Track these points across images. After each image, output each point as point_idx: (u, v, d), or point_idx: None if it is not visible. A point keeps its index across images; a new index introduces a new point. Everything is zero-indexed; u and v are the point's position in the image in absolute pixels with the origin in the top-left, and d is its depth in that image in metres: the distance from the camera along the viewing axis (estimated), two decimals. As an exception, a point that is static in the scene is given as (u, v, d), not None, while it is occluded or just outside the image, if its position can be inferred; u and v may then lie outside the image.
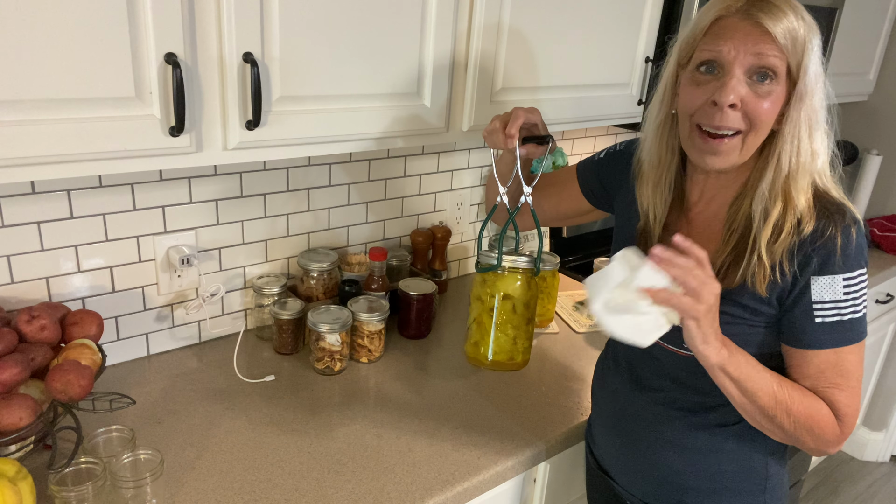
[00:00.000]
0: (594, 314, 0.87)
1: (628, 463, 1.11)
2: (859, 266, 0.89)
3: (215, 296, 1.42)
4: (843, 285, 0.88)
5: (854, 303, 0.89)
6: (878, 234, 2.46)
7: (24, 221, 1.17)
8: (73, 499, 0.93)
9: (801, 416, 0.90)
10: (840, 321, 0.89)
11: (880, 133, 2.62)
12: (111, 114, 0.90)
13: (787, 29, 0.85)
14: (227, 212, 1.40)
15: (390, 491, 1.06)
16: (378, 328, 1.41)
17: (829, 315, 0.89)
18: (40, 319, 1.07)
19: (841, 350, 0.90)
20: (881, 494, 2.67)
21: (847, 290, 0.88)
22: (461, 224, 1.83)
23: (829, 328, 0.90)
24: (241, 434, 1.17)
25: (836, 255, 0.88)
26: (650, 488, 1.09)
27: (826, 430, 0.91)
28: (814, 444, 0.93)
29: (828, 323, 0.89)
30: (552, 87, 1.43)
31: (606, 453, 1.16)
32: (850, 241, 0.88)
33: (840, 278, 0.88)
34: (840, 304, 0.89)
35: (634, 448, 1.09)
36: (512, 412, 1.29)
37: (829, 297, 0.89)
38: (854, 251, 0.88)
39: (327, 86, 1.09)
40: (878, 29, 2.36)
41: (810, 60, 0.87)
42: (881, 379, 2.74)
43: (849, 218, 0.89)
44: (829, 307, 0.89)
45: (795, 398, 0.90)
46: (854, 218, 0.90)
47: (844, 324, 0.89)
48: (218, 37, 0.96)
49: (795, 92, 0.87)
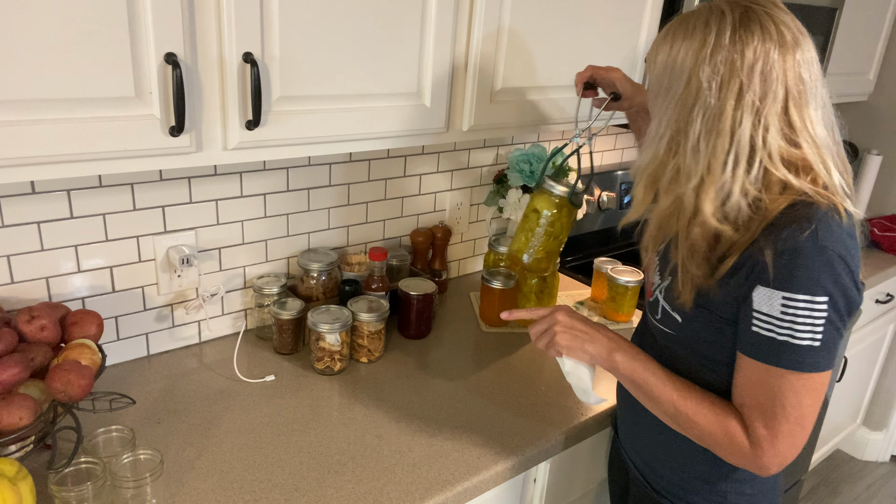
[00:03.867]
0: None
1: (629, 426, 1.17)
2: (810, 292, 0.83)
3: (215, 296, 1.42)
4: (781, 304, 0.84)
5: (793, 327, 0.84)
6: (879, 234, 2.46)
7: (24, 221, 1.17)
8: (73, 499, 0.93)
9: (706, 429, 0.94)
10: (773, 339, 0.86)
11: (880, 133, 2.62)
12: (111, 114, 0.90)
13: (651, 55, 0.96)
14: (227, 212, 1.40)
15: (390, 491, 1.06)
16: (378, 328, 1.41)
17: (763, 328, 0.87)
18: (40, 319, 1.07)
19: (772, 370, 0.87)
20: (881, 494, 2.67)
21: (785, 311, 0.84)
22: (461, 224, 1.84)
23: (761, 340, 0.87)
24: (241, 434, 1.17)
25: (777, 270, 0.84)
26: (640, 453, 1.14)
27: (734, 449, 0.92)
28: (729, 460, 0.94)
29: (761, 335, 0.87)
30: (552, 87, 1.43)
31: (618, 411, 1.21)
32: (797, 261, 0.83)
33: (779, 295, 0.84)
34: (776, 321, 0.85)
35: (636, 418, 1.13)
36: (512, 412, 1.29)
37: (766, 311, 0.86)
38: (804, 274, 0.83)
39: (327, 86, 1.09)
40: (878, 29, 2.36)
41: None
42: (881, 379, 2.74)
43: (808, 239, 0.83)
44: (764, 319, 0.86)
45: (702, 412, 0.94)
46: (819, 243, 0.83)
47: (777, 343, 0.86)
48: (218, 37, 0.96)
49: None
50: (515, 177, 1.72)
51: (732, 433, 0.92)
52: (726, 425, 0.92)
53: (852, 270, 0.85)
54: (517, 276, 1.60)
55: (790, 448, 0.89)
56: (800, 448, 0.90)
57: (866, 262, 2.33)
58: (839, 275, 0.84)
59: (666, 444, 1.08)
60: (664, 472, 1.10)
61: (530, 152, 1.72)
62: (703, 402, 0.95)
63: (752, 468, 0.92)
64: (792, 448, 0.89)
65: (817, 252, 0.83)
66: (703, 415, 0.94)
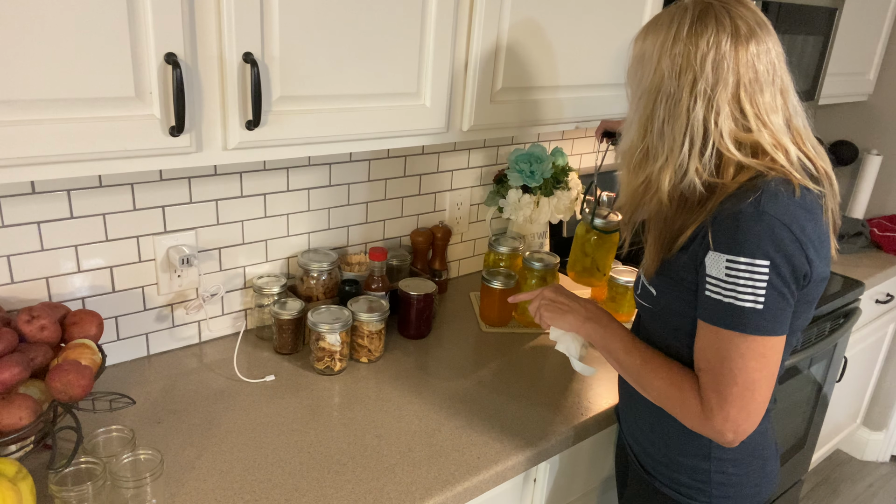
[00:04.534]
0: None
1: (624, 407, 1.21)
2: (751, 255, 0.87)
3: (215, 296, 1.42)
4: (725, 266, 0.89)
5: (735, 289, 0.89)
6: (879, 234, 2.46)
7: (24, 221, 1.17)
8: (73, 499, 0.93)
9: (663, 392, 1.00)
10: (719, 301, 0.91)
11: (880, 133, 2.62)
12: (111, 114, 0.90)
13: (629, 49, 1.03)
14: (227, 212, 1.40)
15: (390, 491, 1.06)
16: (378, 328, 1.41)
17: (712, 291, 0.92)
18: (40, 319, 1.07)
19: (720, 333, 0.91)
20: (881, 494, 2.67)
21: (729, 273, 0.89)
22: (461, 224, 1.84)
23: (711, 304, 0.92)
24: (241, 434, 1.17)
25: (721, 234, 0.90)
26: (634, 432, 1.18)
27: (687, 412, 0.96)
28: (686, 423, 0.98)
29: (712, 298, 0.92)
30: (552, 87, 1.43)
31: (620, 405, 1.25)
32: (737, 224, 0.88)
33: (723, 258, 0.89)
34: (721, 283, 0.90)
35: (631, 401, 1.17)
36: (512, 412, 1.29)
37: (715, 273, 0.91)
38: (744, 237, 0.88)
39: (327, 86, 1.09)
40: (878, 29, 2.36)
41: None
42: (881, 379, 2.74)
43: (750, 204, 0.89)
44: (713, 282, 0.91)
45: (660, 375, 1.00)
46: (760, 208, 0.88)
47: (723, 305, 0.90)
48: (218, 37, 0.96)
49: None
50: (515, 177, 1.72)
51: (686, 395, 0.97)
52: (681, 387, 0.97)
53: (799, 239, 0.89)
54: (517, 276, 1.60)
55: (740, 412, 0.92)
56: (754, 416, 0.92)
57: (866, 262, 2.33)
58: (782, 240, 0.88)
59: (653, 424, 1.11)
60: (652, 452, 1.13)
61: (530, 152, 1.72)
62: (663, 367, 1.01)
63: (709, 433, 0.95)
64: (743, 413, 0.92)
65: (757, 217, 0.88)
66: (661, 377, 1.00)
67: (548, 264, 1.59)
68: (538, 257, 1.61)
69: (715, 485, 1.07)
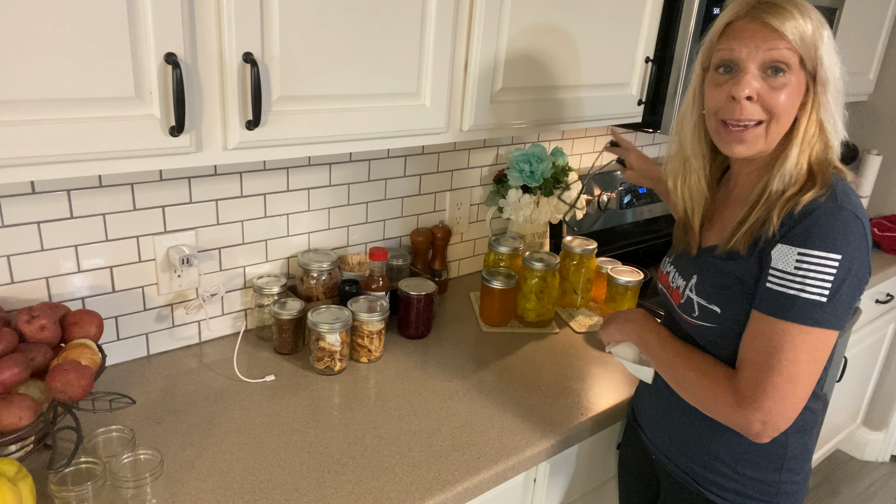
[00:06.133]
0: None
1: (654, 416, 1.18)
2: (824, 249, 0.88)
3: (215, 296, 1.42)
4: (796, 259, 0.90)
5: (804, 282, 0.89)
6: (878, 234, 2.46)
7: (24, 221, 1.17)
8: (73, 499, 0.93)
9: (694, 381, 1.00)
10: (783, 293, 0.91)
11: (880, 133, 2.62)
12: (111, 114, 0.90)
13: (794, 25, 0.93)
14: (227, 212, 1.40)
15: (390, 491, 1.06)
16: (378, 328, 1.41)
17: (776, 283, 0.92)
18: (40, 319, 1.07)
19: (775, 323, 0.91)
20: (881, 494, 2.67)
21: (799, 266, 0.89)
22: (461, 224, 1.84)
23: (773, 295, 0.92)
24: (241, 434, 1.17)
25: (797, 228, 0.90)
26: (675, 447, 1.14)
27: (718, 401, 0.96)
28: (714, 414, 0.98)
29: (774, 290, 0.92)
30: (552, 87, 1.43)
31: (642, 409, 1.23)
32: (818, 220, 0.89)
33: (795, 251, 0.90)
34: (788, 276, 0.90)
35: (667, 406, 1.14)
36: (512, 412, 1.29)
37: (782, 266, 0.91)
38: (821, 231, 0.89)
39: (327, 86, 1.09)
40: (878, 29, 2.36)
41: (823, 52, 0.94)
42: (881, 379, 2.74)
43: (827, 200, 0.91)
44: (778, 275, 0.91)
45: (694, 365, 1.01)
46: (838, 203, 0.90)
47: (787, 297, 0.90)
48: (218, 37, 0.96)
49: (816, 82, 0.95)
50: (515, 177, 1.72)
51: (717, 384, 0.96)
52: (714, 377, 0.98)
53: (867, 235, 0.91)
54: (517, 276, 1.60)
55: (775, 404, 0.91)
56: (788, 412, 0.92)
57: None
58: (855, 235, 0.89)
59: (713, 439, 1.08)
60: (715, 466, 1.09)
61: (530, 152, 1.72)
62: (696, 358, 1.02)
63: (736, 424, 0.94)
64: (778, 405, 0.91)
65: (836, 212, 0.90)
66: (692, 368, 1.01)
67: (548, 264, 1.59)
68: (538, 257, 1.61)
69: (783, 495, 1.06)
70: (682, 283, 1.10)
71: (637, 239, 2.26)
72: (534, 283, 1.59)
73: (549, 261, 1.60)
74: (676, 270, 1.13)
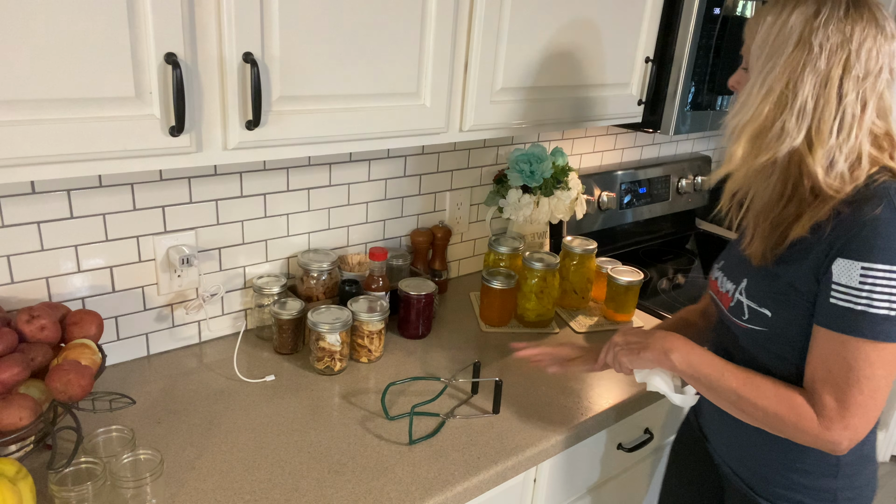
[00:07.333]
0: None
1: (722, 427, 1.15)
2: (889, 262, 0.86)
3: (215, 296, 1.42)
4: (860, 274, 0.88)
5: (871, 297, 0.87)
6: None
7: (24, 221, 1.17)
8: (73, 499, 0.93)
9: (770, 410, 0.95)
10: (850, 309, 0.89)
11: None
12: (111, 114, 0.90)
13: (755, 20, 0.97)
14: (227, 212, 1.40)
15: (390, 491, 1.06)
16: (378, 328, 1.41)
17: (841, 299, 0.89)
18: (40, 319, 1.07)
19: (847, 341, 0.89)
20: (881, 494, 2.67)
21: (864, 281, 0.87)
22: (461, 224, 1.84)
23: (838, 312, 0.90)
24: (241, 434, 1.17)
25: (856, 241, 0.88)
26: (736, 453, 1.13)
27: (802, 426, 0.93)
28: (798, 438, 0.95)
29: (840, 307, 0.90)
30: (552, 87, 1.43)
31: (709, 421, 1.20)
32: (877, 231, 0.87)
33: (858, 266, 0.88)
34: (853, 291, 0.88)
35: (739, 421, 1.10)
36: (512, 412, 1.29)
37: (845, 282, 0.89)
38: (885, 243, 0.86)
39: (327, 86, 1.09)
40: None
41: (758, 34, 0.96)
42: (881, 379, 2.73)
43: (885, 209, 0.88)
44: (842, 290, 0.89)
45: (764, 393, 0.96)
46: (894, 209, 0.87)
47: (855, 314, 0.88)
48: (218, 37, 0.96)
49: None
50: (515, 177, 1.72)
51: (799, 409, 0.93)
52: (792, 401, 0.94)
53: None
54: (517, 276, 1.60)
55: (862, 421, 0.90)
56: (872, 423, 0.92)
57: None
58: None
59: (765, 445, 1.07)
60: (767, 474, 1.08)
61: (530, 152, 1.72)
62: (765, 384, 0.97)
63: (823, 445, 0.93)
64: (864, 421, 0.90)
65: (894, 221, 0.87)
66: (765, 396, 0.96)
67: (548, 264, 1.59)
68: (538, 257, 1.61)
69: (842, 501, 1.05)
70: (731, 286, 1.07)
71: (637, 239, 2.27)
72: (534, 283, 1.59)
73: (549, 261, 1.60)
74: (724, 275, 1.11)
